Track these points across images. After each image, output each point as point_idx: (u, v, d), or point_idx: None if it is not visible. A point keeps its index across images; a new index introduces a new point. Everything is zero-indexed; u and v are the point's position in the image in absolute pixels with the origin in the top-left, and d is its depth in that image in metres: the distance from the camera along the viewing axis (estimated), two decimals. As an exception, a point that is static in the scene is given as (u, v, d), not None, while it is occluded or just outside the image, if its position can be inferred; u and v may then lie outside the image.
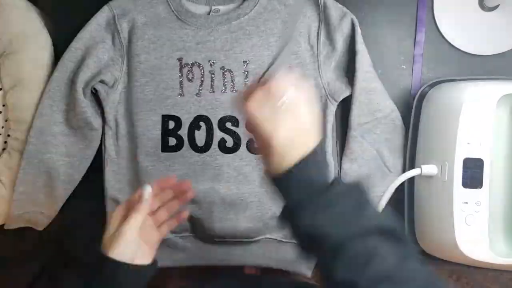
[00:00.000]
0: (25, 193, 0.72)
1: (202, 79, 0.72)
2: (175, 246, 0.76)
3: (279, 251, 0.74)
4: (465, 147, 0.59)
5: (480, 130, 0.59)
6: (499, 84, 0.61)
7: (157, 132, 0.72)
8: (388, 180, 0.72)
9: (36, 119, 0.71)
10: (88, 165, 0.76)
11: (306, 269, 0.74)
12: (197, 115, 0.72)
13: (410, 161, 0.71)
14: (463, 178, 0.59)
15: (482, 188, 0.59)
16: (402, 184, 0.72)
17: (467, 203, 0.59)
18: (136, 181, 0.74)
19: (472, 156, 0.59)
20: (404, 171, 0.71)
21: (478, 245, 0.60)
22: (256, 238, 0.73)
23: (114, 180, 0.75)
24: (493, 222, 0.62)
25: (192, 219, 0.74)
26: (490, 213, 0.60)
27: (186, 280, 0.81)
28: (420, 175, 0.64)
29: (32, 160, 0.71)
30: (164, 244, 0.76)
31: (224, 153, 0.72)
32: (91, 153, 0.76)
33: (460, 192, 0.59)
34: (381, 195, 0.72)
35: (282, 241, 0.74)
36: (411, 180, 0.71)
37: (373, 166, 0.73)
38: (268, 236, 0.74)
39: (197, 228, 0.74)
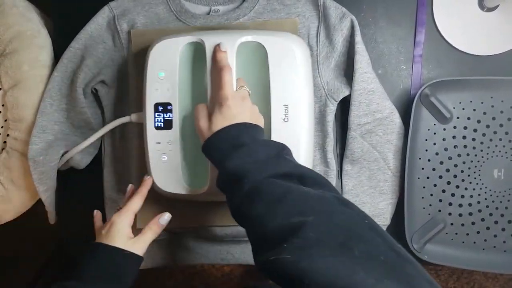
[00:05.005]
0: (49, 190, 0.73)
1: (201, 79, 0.72)
2: (176, 246, 0.76)
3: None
4: (154, 94, 0.65)
5: (167, 77, 0.64)
6: (181, 36, 0.65)
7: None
8: (391, 183, 0.72)
9: (39, 117, 0.71)
10: (88, 162, 0.77)
11: None
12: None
13: (410, 161, 0.71)
14: (155, 121, 0.65)
15: (172, 129, 0.65)
16: (402, 183, 0.72)
17: (159, 143, 0.65)
18: (136, 182, 0.74)
19: (161, 101, 0.65)
20: (403, 171, 0.71)
21: (172, 179, 0.65)
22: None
23: (113, 181, 0.75)
24: (186, 158, 0.67)
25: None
26: (182, 151, 0.65)
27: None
28: (131, 122, 0.71)
29: (38, 158, 0.71)
30: (165, 243, 0.76)
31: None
32: (91, 153, 0.76)
33: (153, 134, 0.65)
34: (390, 198, 0.72)
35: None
36: (410, 178, 0.71)
37: (374, 168, 0.73)
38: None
39: (199, 228, 0.74)
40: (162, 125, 0.64)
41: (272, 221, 0.44)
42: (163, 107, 0.64)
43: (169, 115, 0.64)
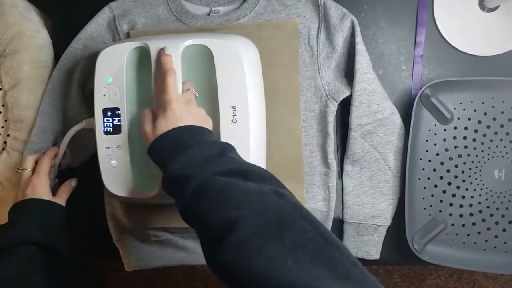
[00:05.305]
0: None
1: (202, 79, 0.72)
2: (175, 246, 0.76)
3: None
4: (102, 99, 0.65)
5: (114, 82, 0.64)
6: (126, 42, 0.65)
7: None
8: (392, 183, 0.72)
9: (39, 117, 0.71)
10: (81, 160, 0.77)
11: None
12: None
13: (410, 162, 0.71)
14: (104, 126, 0.65)
15: (121, 133, 0.65)
16: (403, 184, 0.72)
17: (109, 148, 0.65)
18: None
19: (109, 106, 0.65)
20: (404, 172, 0.71)
21: (122, 183, 0.65)
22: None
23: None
24: (135, 162, 0.67)
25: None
26: (131, 155, 0.65)
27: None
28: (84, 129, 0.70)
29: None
30: (165, 243, 0.76)
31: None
32: (85, 152, 0.76)
33: (103, 139, 0.65)
34: (391, 199, 0.72)
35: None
36: (411, 178, 0.71)
37: (375, 169, 0.72)
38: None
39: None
40: (111, 130, 0.64)
41: (213, 218, 0.46)
42: (112, 112, 0.64)
43: (118, 119, 0.64)
